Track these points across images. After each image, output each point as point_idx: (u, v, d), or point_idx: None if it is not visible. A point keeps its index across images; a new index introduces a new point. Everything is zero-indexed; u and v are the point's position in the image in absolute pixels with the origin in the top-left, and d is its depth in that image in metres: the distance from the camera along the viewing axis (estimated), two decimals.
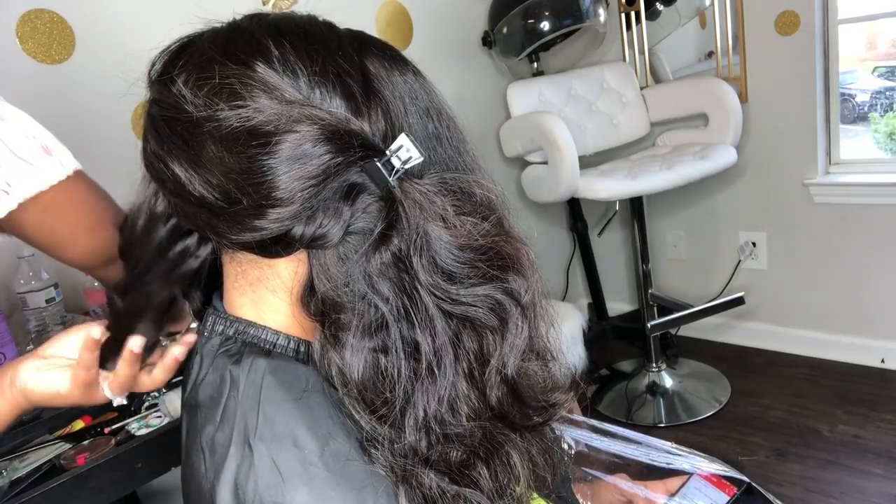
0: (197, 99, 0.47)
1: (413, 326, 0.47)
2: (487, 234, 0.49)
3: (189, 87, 0.48)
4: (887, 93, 2.90)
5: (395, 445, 0.47)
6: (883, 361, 2.37)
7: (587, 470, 0.79)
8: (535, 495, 0.57)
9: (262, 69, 0.47)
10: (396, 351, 0.47)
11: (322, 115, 0.47)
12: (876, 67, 2.94)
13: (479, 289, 0.48)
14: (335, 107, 0.48)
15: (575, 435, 0.80)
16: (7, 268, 1.39)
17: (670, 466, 0.79)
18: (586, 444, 0.80)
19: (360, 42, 0.52)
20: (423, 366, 0.47)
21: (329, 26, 0.53)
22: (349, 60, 0.50)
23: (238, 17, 0.53)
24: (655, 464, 0.79)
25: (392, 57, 0.53)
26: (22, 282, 1.28)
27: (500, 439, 0.51)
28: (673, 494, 0.78)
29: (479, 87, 2.51)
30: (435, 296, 0.47)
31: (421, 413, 0.47)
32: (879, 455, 1.96)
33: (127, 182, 0.56)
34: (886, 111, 2.77)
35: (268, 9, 1.84)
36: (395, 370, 0.47)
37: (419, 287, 0.47)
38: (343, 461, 0.46)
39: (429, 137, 0.52)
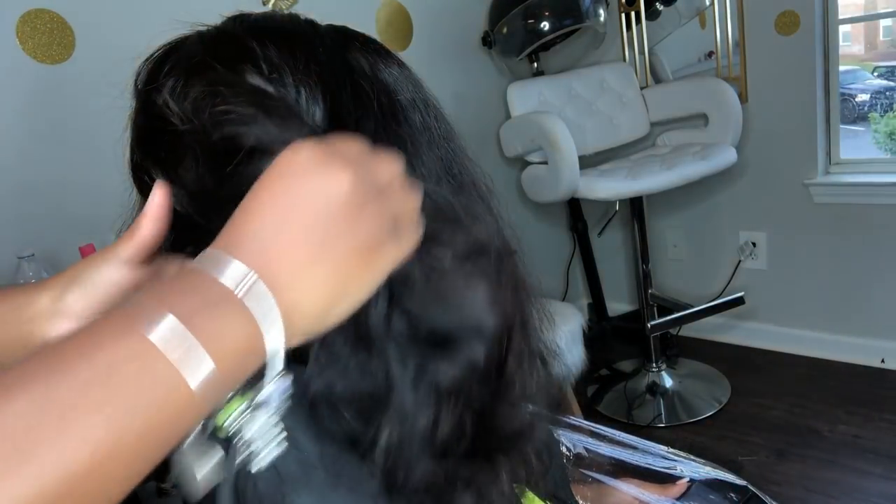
0: (183, 109, 0.46)
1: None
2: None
3: (174, 96, 0.47)
4: (887, 93, 2.90)
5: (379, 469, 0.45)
6: (883, 361, 2.37)
7: (586, 472, 0.79)
8: (530, 494, 0.57)
9: (248, 74, 0.47)
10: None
11: (309, 127, 0.45)
12: (876, 67, 2.94)
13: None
14: (321, 108, 0.48)
15: (573, 438, 0.80)
16: (7, 268, 1.39)
17: (666, 471, 0.79)
18: (585, 447, 0.79)
19: (343, 38, 0.52)
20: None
21: (311, 24, 0.52)
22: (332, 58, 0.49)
23: (222, 18, 0.52)
24: (652, 468, 0.79)
25: (376, 50, 0.52)
26: (22, 282, 1.28)
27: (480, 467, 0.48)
28: (678, 499, 0.78)
29: (479, 87, 2.51)
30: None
31: (387, 443, 0.45)
32: (879, 455, 1.96)
33: (127, 182, 0.56)
34: (886, 111, 2.77)
35: (267, 9, 1.84)
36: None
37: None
38: (342, 463, 0.46)
39: (420, 130, 0.52)
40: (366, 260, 0.36)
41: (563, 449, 0.77)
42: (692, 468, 0.80)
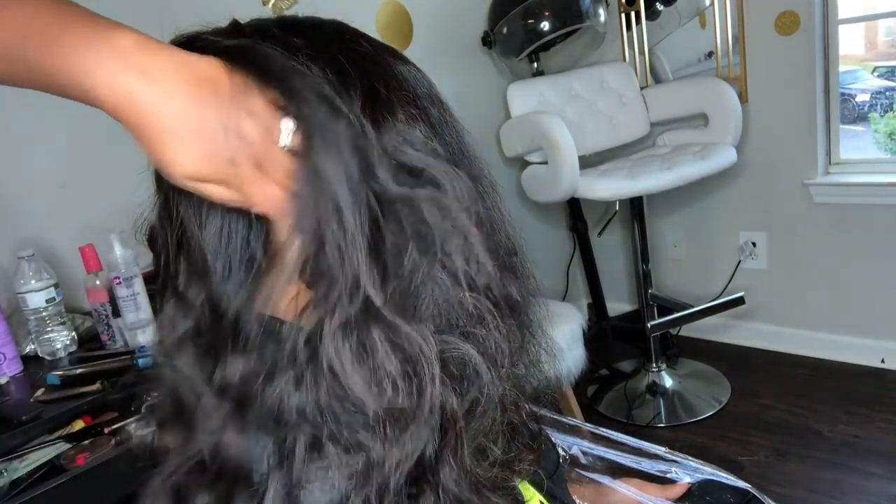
0: None
1: None
2: None
3: None
4: (887, 93, 2.89)
5: None
6: (883, 361, 2.37)
7: (583, 472, 0.79)
8: (526, 484, 0.57)
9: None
10: None
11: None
12: (876, 67, 2.93)
13: None
14: (358, 94, 0.47)
15: (569, 440, 0.79)
16: (7, 268, 1.39)
17: (664, 473, 0.79)
18: (580, 449, 0.79)
19: (368, 38, 0.52)
20: None
21: (339, 22, 0.53)
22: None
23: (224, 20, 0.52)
24: (649, 470, 0.79)
25: (391, 50, 0.53)
26: (22, 282, 1.28)
27: None
28: (677, 501, 0.78)
29: (479, 87, 2.51)
30: None
31: None
32: (880, 455, 1.96)
33: (131, 183, 0.55)
34: (886, 111, 2.77)
35: (267, 9, 1.84)
36: None
37: None
38: None
39: (438, 121, 0.52)
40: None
41: (560, 450, 0.77)
42: (692, 469, 0.79)
